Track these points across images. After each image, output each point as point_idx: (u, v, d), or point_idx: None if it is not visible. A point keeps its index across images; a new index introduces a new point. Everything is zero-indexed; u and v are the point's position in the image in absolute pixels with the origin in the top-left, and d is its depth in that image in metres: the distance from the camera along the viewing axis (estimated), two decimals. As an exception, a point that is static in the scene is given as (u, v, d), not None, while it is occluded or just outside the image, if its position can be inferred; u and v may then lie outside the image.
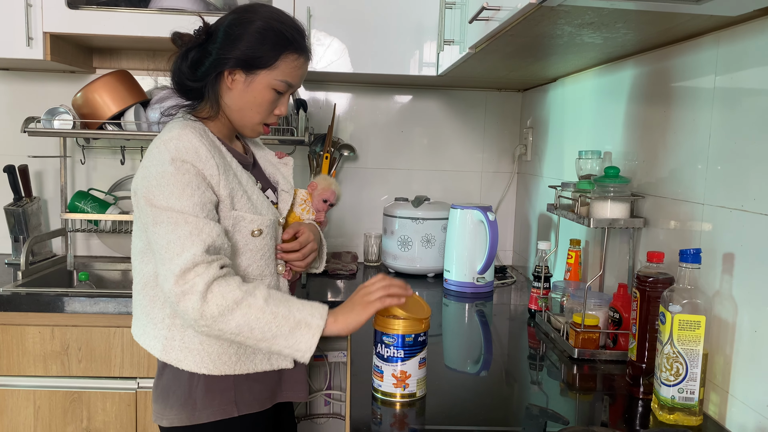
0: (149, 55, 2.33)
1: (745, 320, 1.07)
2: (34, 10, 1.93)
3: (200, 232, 1.12)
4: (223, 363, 1.23)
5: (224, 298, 1.10)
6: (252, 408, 1.28)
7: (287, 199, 1.37)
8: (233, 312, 1.10)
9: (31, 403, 1.81)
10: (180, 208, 1.12)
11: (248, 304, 1.11)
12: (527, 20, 1.11)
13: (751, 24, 1.07)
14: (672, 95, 1.33)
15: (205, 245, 1.11)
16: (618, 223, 1.41)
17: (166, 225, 1.12)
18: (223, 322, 1.10)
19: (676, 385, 1.07)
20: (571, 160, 1.87)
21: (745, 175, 1.08)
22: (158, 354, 1.24)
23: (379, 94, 2.44)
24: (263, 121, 1.28)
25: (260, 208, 1.25)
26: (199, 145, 1.16)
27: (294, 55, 1.23)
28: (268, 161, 1.42)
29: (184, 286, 1.09)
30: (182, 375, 1.25)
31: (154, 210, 1.14)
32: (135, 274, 1.28)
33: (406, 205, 2.20)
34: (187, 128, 1.18)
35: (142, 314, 1.27)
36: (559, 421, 1.06)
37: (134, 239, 1.27)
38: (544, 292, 1.70)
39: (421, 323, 1.15)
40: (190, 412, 1.25)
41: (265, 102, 1.24)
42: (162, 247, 1.12)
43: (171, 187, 1.13)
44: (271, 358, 1.28)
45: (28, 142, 2.30)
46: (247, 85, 1.23)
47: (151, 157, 1.17)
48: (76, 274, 2.23)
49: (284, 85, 1.24)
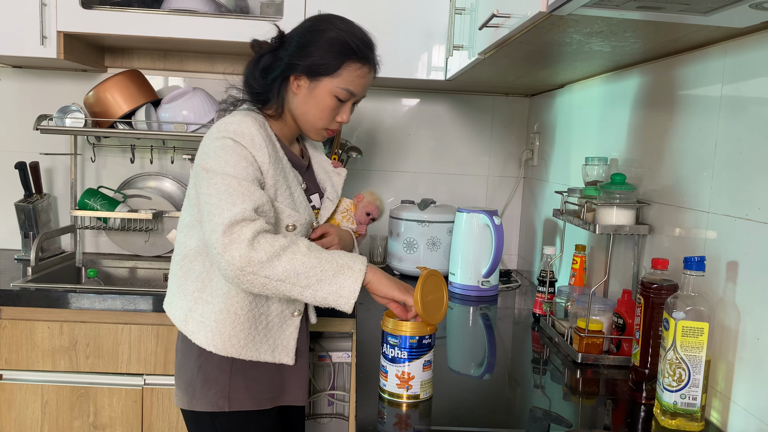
0: (160, 55, 2.35)
1: (748, 328, 1.08)
2: (48, 10, 1.95)
3: (251, 194, 1.18)
4: (231, 345, 1.28)
5: (271, 245, 1.14)
6: (245, 405, 1.34)
7: (329, 207, 1.43)
8: (280, 257, 1.14)
9: (39, 398, 1.84)
10: (234, 174, 1.19)
11: (293, 250, 1.16)
12: (537, 28, 1.13)
13: (758, 35, 1.09)
14: (678, 103, 1.34)
15: (254, 204, 1.17)
16: (623, 230, 1.42)
17: (219, 186, 1.18)
18: (270, 268, 1.13)
19: (679, 391, 1.08)
20: (577, 166, 1.88)
21: (750, 184, 1.09)
22: (179, 323, 1.32)
23: (387, 96, 2.45)
24: (326, 126, 1.33)
25: (298, 206, 1.31)
26: (256, 134, 1.23)
27: (357, 64, 1.28)
28: (322, 167, 1.47)
29: (232, 235, 1.14)
30: (190, 356, 1.32)
31: (209, 174, 1.20)
32: (177, 245, 1.36)
33: (413, 208, 2.21)
34: (249, 116, 1.25)
35: (175, 285, 1.35)
36: (562, 425, 1.08)
37: (183, 213, 1.35)
38: (549, 296, 1.71)
39: (426, 326, 1.17)
40: (190, 398, 1.33)
41: (327, 108, 1.30)
42: (213, 205, 1.17)
43: (228, 157, 1.20)
44: (275, 351, 1.33)
45: (39, 139, 2.32)
46: (310, 91, 1.28)
47: (211, 135, 1.25)
48: (84, 271, 2.25)
49: (346, 93, 1.29)
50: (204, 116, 2.14)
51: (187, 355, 1.34)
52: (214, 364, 1.32)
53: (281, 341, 1.35)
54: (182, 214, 1.35)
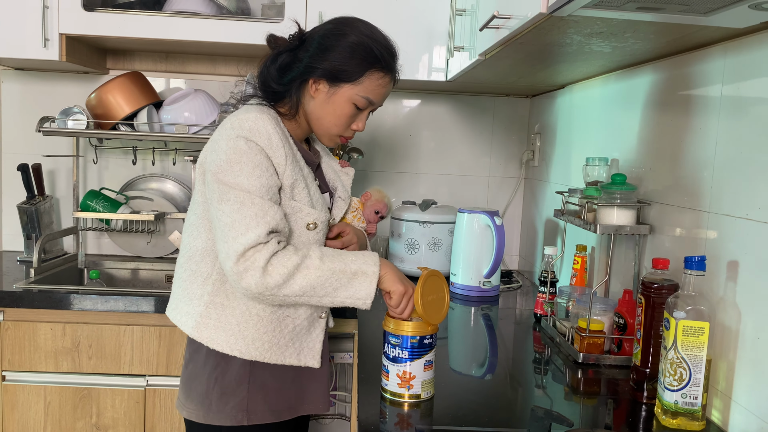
0: (162, 57, 2.35)
1: (748, 327, 1.08)
2: (50, 12, 1.96)
3: (265, 214, 1.15)
4: (255, 348, 1.24)
5: (284, 266, 1.13)
6: (264, 419, 1.28)
7: (342, 207, 1.39)
8: (294, 277, 1.14)
9: (42, 399, 1.84)
10: (248, 188, 1.15)
11: (306, 266, 1.15)
12: (537, 29, 1.13)
13: (758, 36, 1.09)
14: (679, 104, 1.34)
15: (269, 227, 1.15)
16: (624, 230, 1.42)
17: (232, 203, 1.15)
18: (286, 288, 1.14)
19: (680, 390, 1.08)
20: (578, 166, 1.89)
21: (750, 184, 1.09)
22: (189, 331, 1.26)
23: (388, 98, 2.46)
24: (340, 133, 1.30)
25: (316, 204, 1.27)
26: (272, 132, 1.19)
27: (380, 74, 1.25)
28: (331, 167, 1.44)
29: (246, 263, 1.12)
30: (204, 368, 1.26)
31: (221, 186, 1.16)
32: (182, 247, 1.31)
33: (414, 209, 2.22)
34: (264, 113, 1.21)
35: (179, 288, 1.30)
36: (564, 424, 1.08)
37: (189, 212, 1.30)
38: (550, 296, 1.71)
39: (427, 326, 1.17)
40: (206, 411, 1.27)
41: (344, 115, 1.26)
42: (226, 225, 1.15)
43: (241, 165, 1.16)
44: (300, 354, 1.29)
45: (41, 141, 2.33)
46: (329, 96, 1.25)
47: (223, 133, 1.20)
48: (86, 272, 2.25)
49: (365, 102, 1.26)
50: (206, 118, 2.15)
51: (201, 366, 1.27)
52: (231, 376, 1.26)
53: (308, 344, 1.30)
54: (188, 213, 1.31)
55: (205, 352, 1.27)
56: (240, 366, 1.26)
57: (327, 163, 1.44)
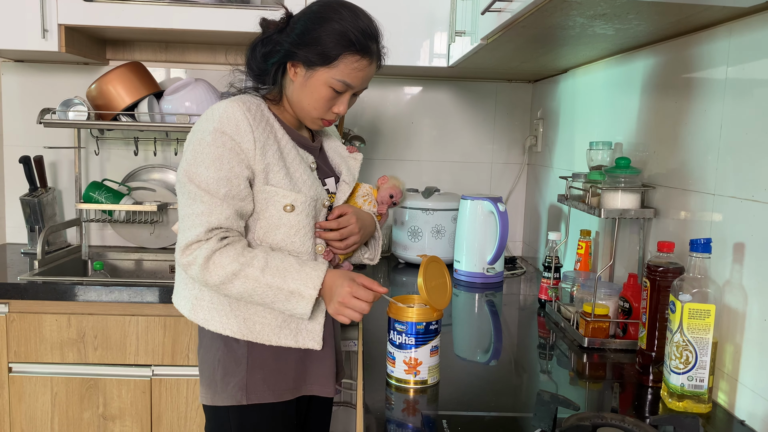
0: (162, 47, 2.34)
1: (755, 309, 1.08)
2: (49, 3, 1.95)
3: (210, 213, 1.19)
4: (248, 328, 1.27)
5: (223, 269, 1.17)
6: (264, 398, 1.30)
7: (346, 190, 1.39)
8: (233, 282, 1.18)
9: (49, 390, 1.85)
10: (203, 183, 1.19)
11: (245, 275, 1.18)
12: (540, 11, 1.12)
13: (764, 15, 1.08)
14: (683, 86, 1.33)
15: (210, 226, 1.18)
16: (628, 214, 1.42)
17: (186, 198, 1.21)
18: (225, 289, 1.20)
19: (686, 373, 1.08)
20: (581, 150, 1.88)
21: (756, 166, 1.08)
22: (187, 313, 1.31)
23: (389, 85, 2.45)
24: (321, 116, 1.30)
25: (300, 186, 1.27)
26: (241, 119, 1.20)
27: (355, 57, 1.23)
28: (337, 152, 1.44)
29: (189, 257, 1.19)
30: (210, 351, 1.31)
31: (182, 178, 1.22)
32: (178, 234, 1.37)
33: (417, 196, 2.21)
34: (236, 101, 1.23)
35: (179, 275, 1.36)
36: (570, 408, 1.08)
37: None
38: (554, 282, 1.71)
39: (433, 312, 1.17)
40: (213, 394, 1.31)
41: (321, 99, 1.26)
42: (180, 218, 1.23)
43: (203, 157, 1.20)
44: (298, 335, 1.30)
45: (42, 133, 2.33)
46: (305, 80, 1.25)
47: (197, 125, 1.25)
48: (90, 264, 2.26)
49: (342, 85, 1.25)
50: (206, 107, 2.14)
51: (208, 349, 1.31)
52: (232, 357, 1.28)
53: (306, 326, 1.30)
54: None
55: (209, 336, 1.31)
56: (240, 347, 1.29)
57: (333, 148, 1.44)
